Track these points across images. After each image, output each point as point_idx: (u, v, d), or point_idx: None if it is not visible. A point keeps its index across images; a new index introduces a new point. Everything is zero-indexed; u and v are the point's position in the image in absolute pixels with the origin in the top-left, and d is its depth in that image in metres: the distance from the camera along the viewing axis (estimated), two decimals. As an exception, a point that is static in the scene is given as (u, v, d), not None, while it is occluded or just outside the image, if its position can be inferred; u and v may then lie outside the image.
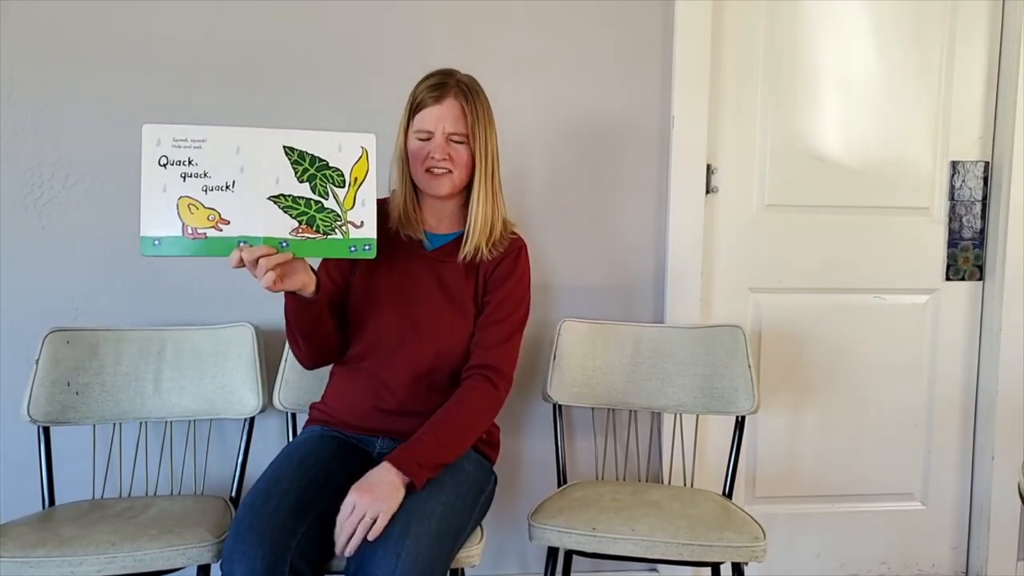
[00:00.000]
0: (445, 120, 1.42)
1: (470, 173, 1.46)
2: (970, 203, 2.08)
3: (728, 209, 2.01)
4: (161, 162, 1.19)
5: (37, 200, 1.77)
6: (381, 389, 1.47)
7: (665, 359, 1.81)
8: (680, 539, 1.46)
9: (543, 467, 1.95)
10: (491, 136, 1.46)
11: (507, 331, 1.49)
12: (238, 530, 1.23)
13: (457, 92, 1.43)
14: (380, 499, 1.24)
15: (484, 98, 1.46)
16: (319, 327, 1.40)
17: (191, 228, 1.20)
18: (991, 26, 2.03)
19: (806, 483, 2.10)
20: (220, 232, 1.20)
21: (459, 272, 1.49)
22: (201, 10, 1.78)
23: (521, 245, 1.55)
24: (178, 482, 1.78)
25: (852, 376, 2.09)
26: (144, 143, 1.18)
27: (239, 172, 1.22)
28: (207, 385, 1.72)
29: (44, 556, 1.35)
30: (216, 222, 1.21)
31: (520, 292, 1.53)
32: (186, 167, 1.20)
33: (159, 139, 1.19)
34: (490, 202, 1.46)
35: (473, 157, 1.44)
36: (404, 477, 1.28)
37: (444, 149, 1.42)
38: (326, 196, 1.25)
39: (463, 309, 1.49)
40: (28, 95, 1.75)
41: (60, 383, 1.64)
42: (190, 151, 1.20)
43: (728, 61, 1.97)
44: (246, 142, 1.23)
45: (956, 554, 2.17)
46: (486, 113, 1.45)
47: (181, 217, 1.19)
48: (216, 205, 1.21)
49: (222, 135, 1.22)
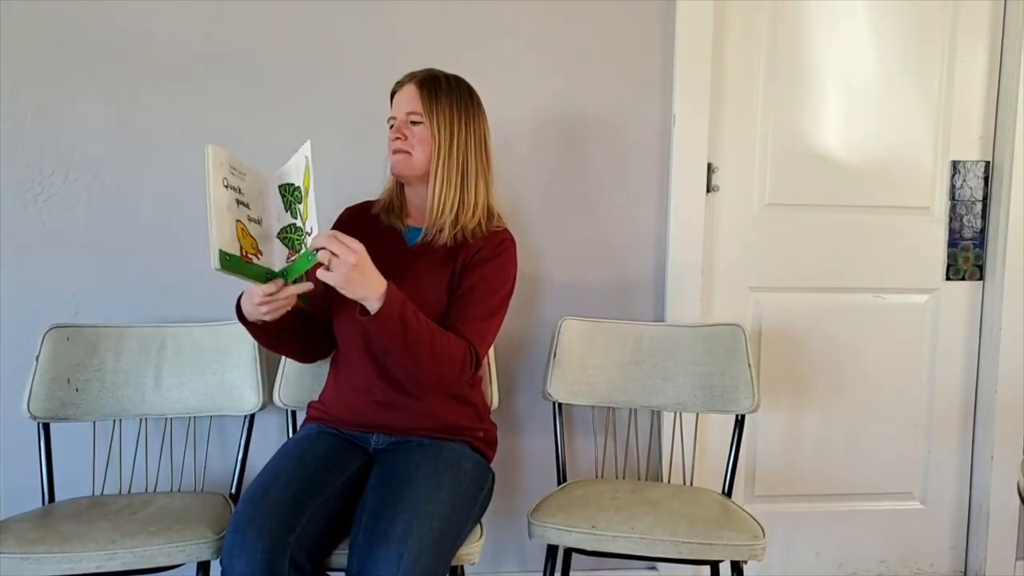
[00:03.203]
0: (404, 103, 1.47)
1: (432, 157, 1.46)
2: (971, 203, 2.08)
3: (729, 208, 2.01)
4: (224, 183, 1.23)
5: (38, 197, 1.77)
6: (371, 382, 1.48)
7: (665, 358, 1.81)
8: (680, 537, 1.46)
9: (543, 465, 1.96)
10: (459, 122, 1.46)
11: (481, 310, 1.45)
12: (238, 524, 1.24)
13: (417, 79, 1.47)
14: (364, 272, 1.24)
15: (454, 88, 1.48)
16: (287, 336, 1.45)
17: (243, 251, 1.24)
18: (992, 25, 2.03)
19: (805, 482, 2.11)
20: (257, 261, 1.26)
21: (435, 263, 1.48)
22: (201, 8, 1.78)
23: (507, 237, 1.52)
24: (178, 479, 1.78)
25: (852, 375, 2.09)
26: (210, 161, 1.21)
27: (263, 211, 1.31)
28: (207, 382, 1.72)
29: (44, 552, 1.35)
30: (256, 251, 1.26)
31: (500, 276, 1.49)
32: (238, 195, 1.26)
33: (221, 162, 1.23)
34: (452, 186, 1.46)
35: (432, 139, 1.45)
36: (382, 294, 1.26)
37: (399, 129, 1.46)
38: (296, 216, 1.30)
39: (435, 296, 1.46)
40: (29, 92, 1.75)
41: (60, 380, 1.64)
42: (240, 181, 1.27)
43: (729, 60, 1.97)
44: (265, 186, 1.32)
45: (955, 553, 2.17)
46: (451, 99, 1.46)
47: (239, 239, 1.23)
48: (255, 235, 1.27)
49: (255, 175, 1.31)
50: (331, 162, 1.83)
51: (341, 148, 1.83)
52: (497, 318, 1.50)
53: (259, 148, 1.80)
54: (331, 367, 1.58)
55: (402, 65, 1.65)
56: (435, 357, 1.35)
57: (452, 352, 1.38)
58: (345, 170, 1.83)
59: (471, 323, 1.44)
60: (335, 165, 1.83)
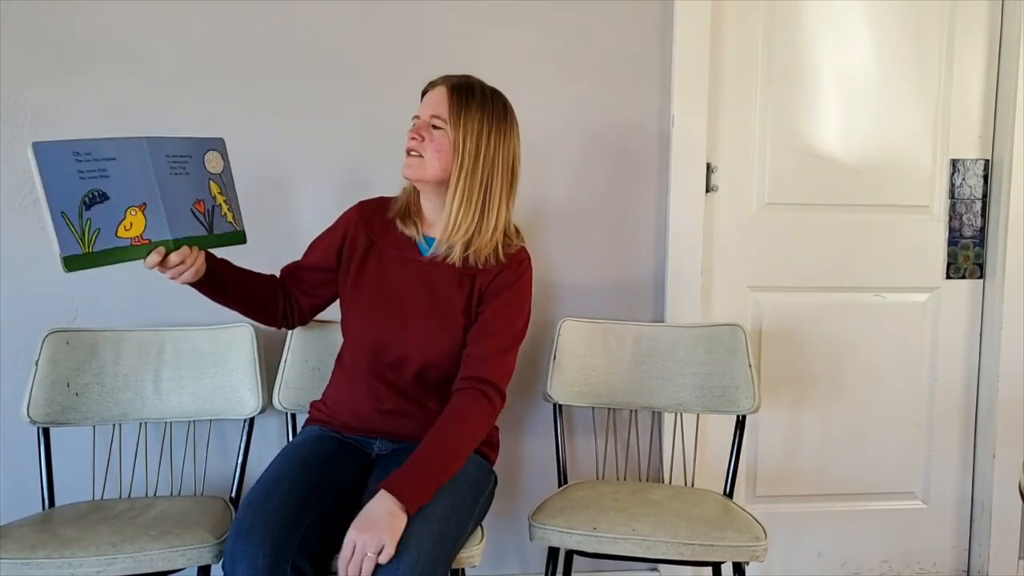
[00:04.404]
0: (430, 105, 1.41)
1: (450, 166, 1.39)
2: (970, 201, 2.07)
3: (728, 207, 2.01)
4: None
5: (37, 201, 1.77)
6: (378, 390, 1.47)
7: (665, 358, 1.81)
8: (681, 539, 1.46)
9: (543, 467, 1.95)
10: (487, 136, 1.39)
11: (503, 344, 1.43)
12: (239, 529, 1.23)
13: (451, 83, 1.41)
14: (382, 530, 1.20)
15: (488, 99, 1.41)
16: (236, 292, 1.45)
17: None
18: (990, 24, 2.03)
19: (807, 482, 2.10)
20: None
21: (451, 279, 1.45)
22: (200, 10, 1.77)
23: (524, 258, 1.49)
24: (178, 483, 1.78)
25: (853, 374, 2.08)
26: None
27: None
28: (207, 386, 1.72)
29: (44, 557, 1.35)
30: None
31: (518, 304, 1.47)
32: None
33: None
34: (472, 206, 1.39)
35: (454, 149, 1.38)
36: (400, 503, 1.24)
37: (419, 129, 1.41)
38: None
39: (451, 317, 1.44)
40: (28, 94, 1.75)
41: (60, 384, 1.64)
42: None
43: (728, 60, 1.97)
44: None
45: (957, 553, 2.16)
46: (482, 110, 1.39)
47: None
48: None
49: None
50: (333, 162, 1.83)
51: (344, 148, 1.83)
52: (517, 347, 1.47)
53: (259, 148, 1.80)
54: (337, 365, 1.56)
55: (397, 66, 1.65)
56: (466, 447, 1.38)
57: (473, 428, 1.39)
58: (349, 171, 1.83)
59: (492, 360, 1.42)
60: (337, 165, 1.83)
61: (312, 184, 1.84)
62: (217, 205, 1.32)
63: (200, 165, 1.30)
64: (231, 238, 1.36)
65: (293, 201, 1.84)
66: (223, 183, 1.33)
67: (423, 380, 1.46)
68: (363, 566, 1.19)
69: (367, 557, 1.19)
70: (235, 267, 1.45)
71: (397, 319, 1.45)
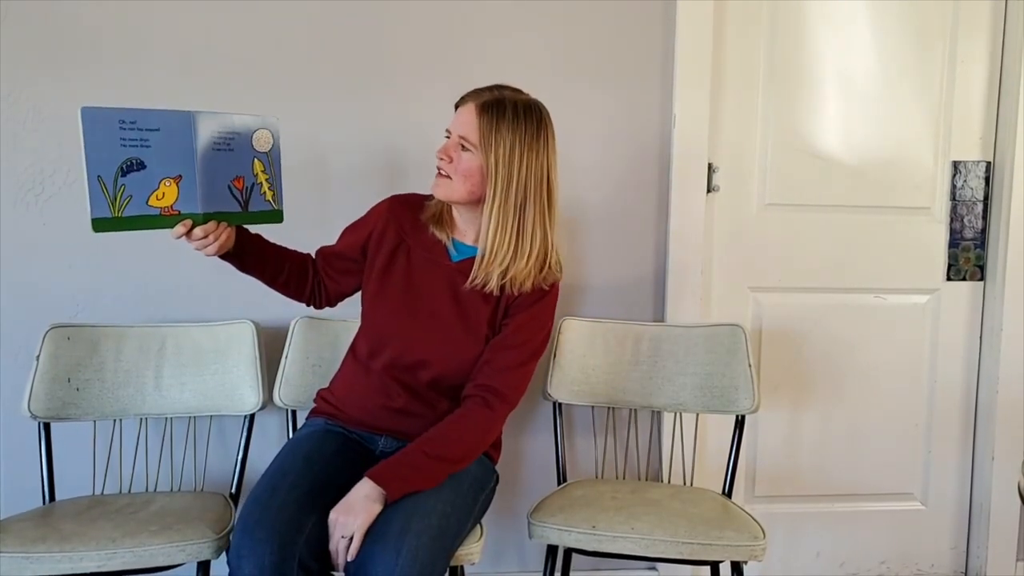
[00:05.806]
0: (460, 124, 1.39)
1: (478, 189, 1.39)
2: (971, 203, 2.07)
3: (729, 208, 2.01)
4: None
5: (38, 196, 1.78)
6: (390, 388, 1.47)
7: (665, 358, 1.81)
8: (680, 538, 1.46)
9: (543, 465, 1.95)
10: (520, 158, 1.36)
11: (521, 357, 1.44)
12: (245, 525, 1.23)
13: (480, 101, 1.37)
14: (353, 515, 1.24)
15: (520, 116, 1.37)
16: (264, 268, 1.44)
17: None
18: (992, 25, 2.03)
19: (806, 482, 2.11)
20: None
21: (477, 290, 1.44)
22: (202, 8, 1.78)
23: (554, 280, 1.48)
24: (178, 478, 1.78)
25: (852, 376, 2.09)
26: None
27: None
28: (207, 382, 1.72)
29: (44, 552, 1.35)
30: None
31: (542, 320, 1.47)
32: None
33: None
34: (507, 233, 1.37)
35: (485, 173, 1.37)
36: (379, 489, 1.27)
37: (447, 149, 1.40)
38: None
39: (476, 328, 1.45)
40: (29, 91, 1.75)
41: (61, 379, 1.64)
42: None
43: (729, 60, 1.97)
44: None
45: (956, 554, 2.17)
46: (514, 131, 1.35)
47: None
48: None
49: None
50: (336, 163, 1.83)
51: (347, 149, 1.83)
52: (535, 361, 1.48)
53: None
54: (350, 355, 1.55)
55: (398, 67, 1.66)
56: (461, 451, 1.38)
57: (470, 435, 1.39)
58: (352, 173, 1.83)
59: (508, 372, 1.42)
60: (340, 166, 1.83)
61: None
62: (258, 183, 1.33)
63: (247, 142, 1.30)
64: (266, 216, 1.35)
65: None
66: (267, 162, 1.33)
67: (437, 385, 1.46)
68: (339, 547, 1.24)
69: (342, 542, 1.24)
70: (268, 243, 1.45)
71: (423, 323, 1.45)
